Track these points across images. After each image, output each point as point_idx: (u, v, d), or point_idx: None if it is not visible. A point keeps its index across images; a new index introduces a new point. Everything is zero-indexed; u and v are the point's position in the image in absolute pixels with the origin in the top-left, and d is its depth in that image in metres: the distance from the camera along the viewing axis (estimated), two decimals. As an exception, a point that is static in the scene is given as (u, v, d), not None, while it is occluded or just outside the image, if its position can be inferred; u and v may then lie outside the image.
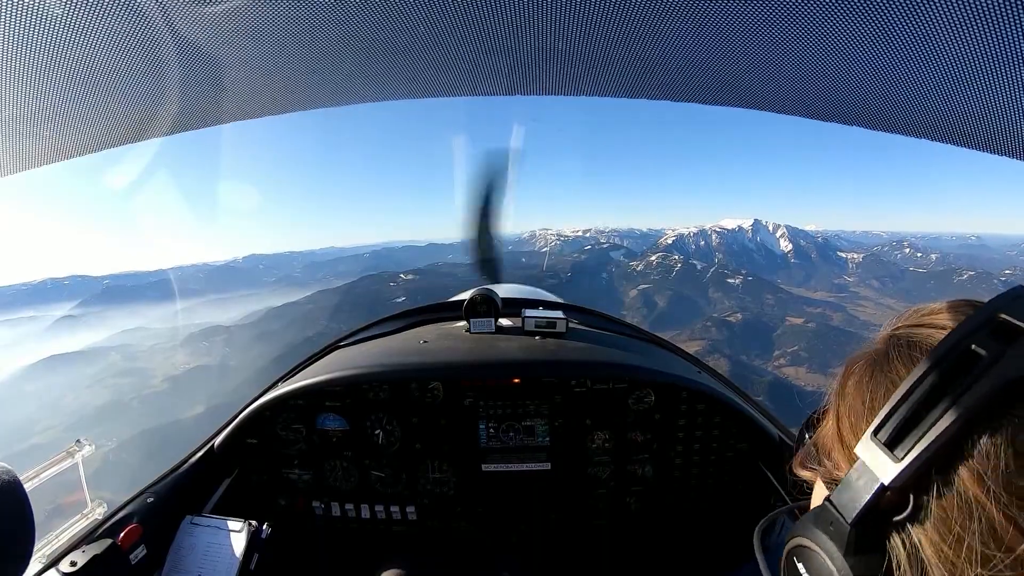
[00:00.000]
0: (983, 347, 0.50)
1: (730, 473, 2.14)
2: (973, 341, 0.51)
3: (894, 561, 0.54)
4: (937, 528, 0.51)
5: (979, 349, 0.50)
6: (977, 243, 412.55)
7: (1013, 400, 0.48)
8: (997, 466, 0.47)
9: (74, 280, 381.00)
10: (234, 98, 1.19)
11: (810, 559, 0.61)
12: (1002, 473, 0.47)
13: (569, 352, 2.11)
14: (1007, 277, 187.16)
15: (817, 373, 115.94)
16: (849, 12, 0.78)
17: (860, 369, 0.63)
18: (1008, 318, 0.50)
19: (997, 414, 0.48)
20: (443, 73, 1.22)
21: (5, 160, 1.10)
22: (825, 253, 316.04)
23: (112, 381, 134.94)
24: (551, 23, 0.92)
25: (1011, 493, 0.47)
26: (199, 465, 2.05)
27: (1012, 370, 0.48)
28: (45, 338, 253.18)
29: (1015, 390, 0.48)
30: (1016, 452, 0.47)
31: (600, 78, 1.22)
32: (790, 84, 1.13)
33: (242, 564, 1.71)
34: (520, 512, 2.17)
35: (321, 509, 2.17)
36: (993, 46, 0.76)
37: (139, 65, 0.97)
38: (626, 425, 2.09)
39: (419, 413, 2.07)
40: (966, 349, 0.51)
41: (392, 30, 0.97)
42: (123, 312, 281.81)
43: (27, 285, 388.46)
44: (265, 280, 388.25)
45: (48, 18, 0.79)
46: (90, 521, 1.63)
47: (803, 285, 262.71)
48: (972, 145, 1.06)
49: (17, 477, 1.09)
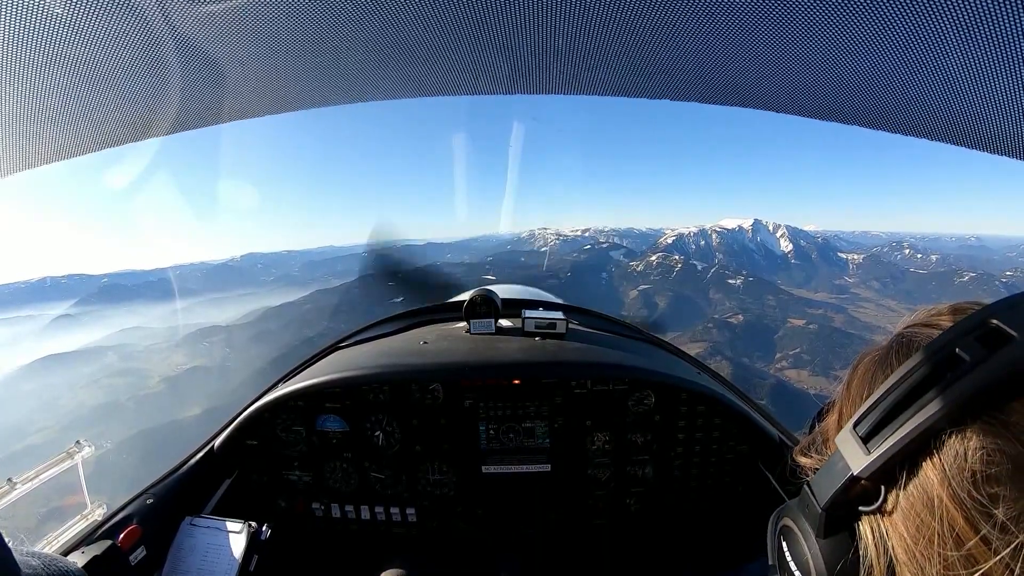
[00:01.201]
0: (967, 351, 0.50)
1: (730, 474, 2.14)
2: (959, 344, 0.51)
3: (862, 547, 0.56)
4: (904, 521, 0.52)
5: (963, 353, 0.50)
6: (977, 244, 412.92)
7: (987, 405, 0.48)
8: (963, 468, 0.48)
9: (72, 279, 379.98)
10: (234, 98, 1.19)
11: (792, 539, 0.65)
12: (967, 476, 0.47)
13: (569, 353, 2.11)
14: (1008, 279, 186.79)
15: (820, 376, 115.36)
16: (849, 12, 0.78)
17: (866, 364, 0.65)
18: (999, 324, 0.50)
19: (969, 418, 0.48)
20: (443, 72, 1.21)
21: (5, 160, 1.09)
22: (825, 254, 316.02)
23: (108, 381, 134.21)
24: (551, 22, 0.92)
25: (973, 498, 0.47)
26: (199, 466, 2.05)
27: (989, 376, 0.48)
28: (42, 337, 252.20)
29: (989, 396, 0.48)
30: (984, 459, 0.47)
31: (600, 77, 1.21)
32: (790, 84, 1.13)
33: (242, 565, 1.71)
34: (520, 513, 2.17)
35: (321, 510, 2.17)
36: (993, 46, 0.76)
37: (139, 65, 0.96)
38: (626, 426, 2.09)
39: (419, 414, 2.07)
40: (951, 352, 0.51)
41: (392, 29, 0.96)
42: (120, 311, 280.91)
43: (25, 283, 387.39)
44: (263, 279, 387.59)
45: (48, 18, 0.79)
46: (90, 522, 1.63)
47: (804, 286, 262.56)
48: (972, 145, 1.06)
49: None
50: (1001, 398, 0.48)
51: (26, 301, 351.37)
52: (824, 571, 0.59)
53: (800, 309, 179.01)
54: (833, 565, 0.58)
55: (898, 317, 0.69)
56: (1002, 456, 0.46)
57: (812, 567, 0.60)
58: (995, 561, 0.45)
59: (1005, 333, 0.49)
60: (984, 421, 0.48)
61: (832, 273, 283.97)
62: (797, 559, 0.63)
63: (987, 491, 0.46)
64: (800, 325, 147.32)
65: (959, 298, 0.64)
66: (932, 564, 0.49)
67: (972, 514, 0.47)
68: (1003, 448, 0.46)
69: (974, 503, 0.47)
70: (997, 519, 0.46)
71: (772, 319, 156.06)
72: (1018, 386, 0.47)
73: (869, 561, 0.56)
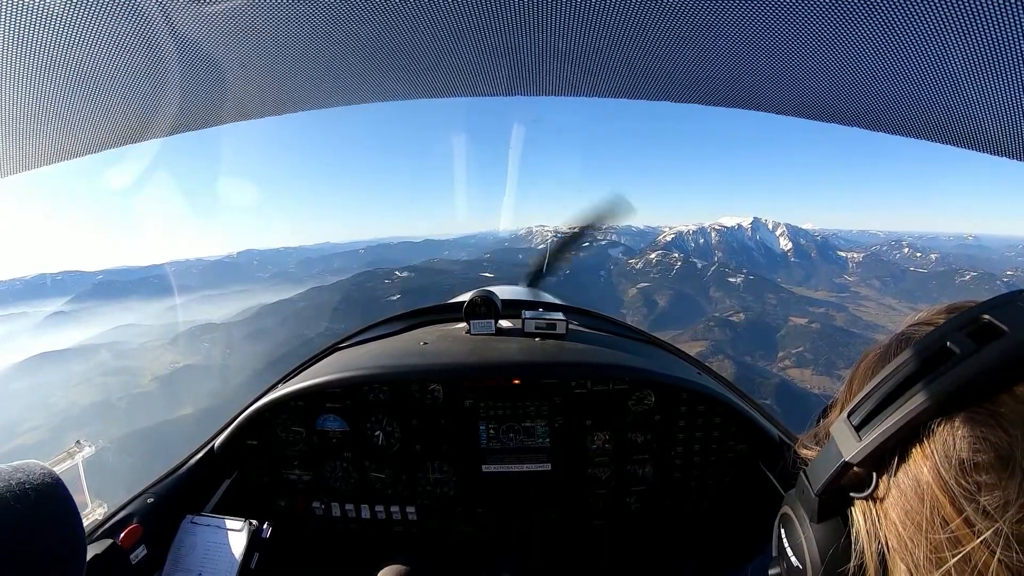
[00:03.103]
0: (958, 344, 0.51)
1: (730, 474, 2.16)
2: (951, 339, 0.52)
3: (855, 532, 0.59)
4: (894, 507, 0.54)
5: (954, 346, 0.52)
6: (975, 243, 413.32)
7: (975, 396, 0.49)
8: (951, 456, 0.49)
9: (66, 275, 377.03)
10: (234, 99, 1.19)
11: (789, 526, 0.68)
12: (955, 464, 0.49)
13: (569, 353, 2.13)
14: (1009, 278, 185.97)
15: (823, 376, 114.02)
16: (849, 13, 0.78)
17: (868, 360, 0.67)
18: (991, 320, 0.51)
19: (957, 408, 0.50)
20: (444, 75, 1.22)
21: (5, 160, 1.09)
22: (825, 252, 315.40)
23: (101, 380, 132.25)
24: (551, 24, 0.92)
25: (961, 486, 0.48)
26: (199, 466, 2.06)
27: (978, 368, 0.49)
28: (35, 335, 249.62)
29: (978, 387, 0.49)
30: (971, 447, 0.48)
31: (600, 79, 1.22)
32: (790, 85, 1.13)
33: (242, 563, 1.72)
34: (520, 513, 2.18)
35: (321, 509, 2.18)
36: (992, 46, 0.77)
37: (139, 65, 0.96)
38: (626, 426, 2.10)
39: (419, 414, 2.08)
40: (943, 345, 0.53)
41: (392, 31, 0.96)
42: (115, 308, 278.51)
43: (20, 281, 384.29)
44: (259, 276, 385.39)
45: (48, 18, 0.79)
46: (90, 521, 1.64)
47: (804, 284, 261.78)
48: (971, 146, 1.07)
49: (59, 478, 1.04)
50: (990, 389, 0.49)
51: (20, 298, 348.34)
52: (817, 556, 0.60)
53: (801, 307, 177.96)
54: (826, 550, 0.60)
55: (899, 316, 0.69)
56: (989, 446, 0.48)
57: (807, 552, 0.62)
58: (977, 543, 0.46)
59: (996, 328, 0.51)
60: (972, 411, 0.49)
61: (832, 271, 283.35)
62: (793, 544, 0.65)
63: (974, 479, 0.48)
64: (802, 324, 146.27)
65: (961, 297, 0.66)
66: (920, 548, 0.51)
67: (959, 501, 0.48)
68: (990, 438, 0.48)
69: (961, 490, 0.48)
70: (983, 506, 0.47)
71: (774, 317, 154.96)
72: (1007, 378, 0.49)
73: (861, 545, 0.57)
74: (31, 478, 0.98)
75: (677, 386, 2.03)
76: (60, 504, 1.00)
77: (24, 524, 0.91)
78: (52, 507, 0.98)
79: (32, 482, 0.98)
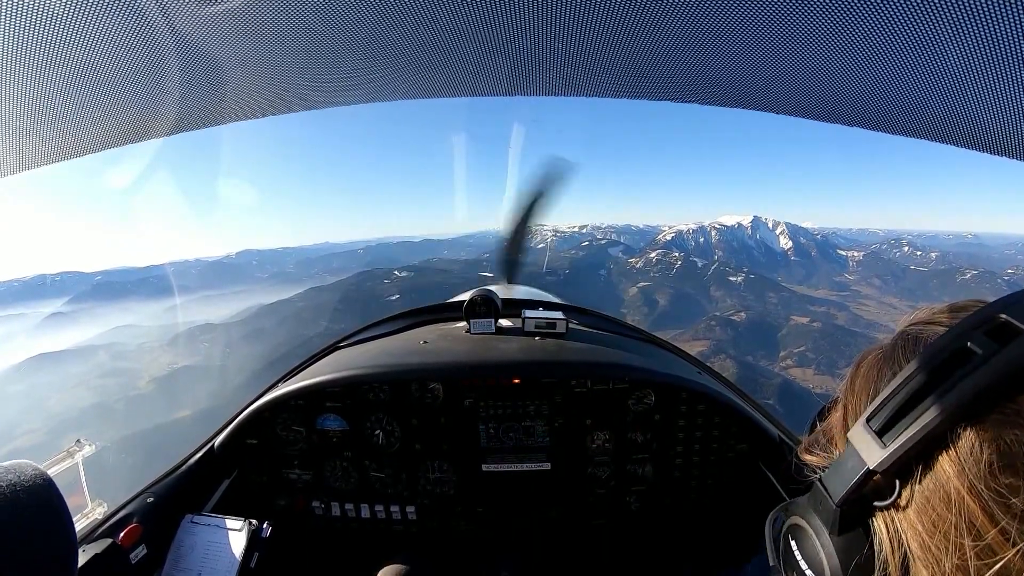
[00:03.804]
0: (979, 345, 0.51)
1: (730, 473, 2.16)
2: (970, 339, 0.52)
3: (877, 542, 0.56)
4: (919, 515, 0.52)
5: (975, 347, 0.51)
6: (975, 242, 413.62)
7: (1001, 397, 0.48)
8: (979, 460, 0.48)
9: (65, 276, 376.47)
10: (234, 99, 1.19)
11: (802, 537, 0.64)
12: (983, 468, 0.47)
13: (569, 353, 2.13)
14: (1010, 276, 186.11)
15: (825, 375, 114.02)
16: (849, 13, 0.78)
17: (870, 362, 0.65)
18: (1009, 319, 0.51)
19: (984, 410, 0.49)
20: (444, 75, 1.22)
21: (5, 160, 1.09)
22: (825, 251, 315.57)
23: (98, 382, 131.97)
24: (551, 24, 0.92)
25: (991, 489, 0.47)
26: (199, 465, 2.06)
27: (1003, 368, 0.48)
28: (33, 336, 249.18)
29: (1003, 388, 0.48)
30: (1000, 449, 0.47)
31: (600, 79, 1.22)
32: (790, 85, 1.13)
33: (242, 563, 1.72)
34: (520, 512, 2.18)
35: (321, 509, 2.18)
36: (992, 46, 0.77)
37: (139, 65, 0.96)
38: (626, 425, 2.10)
39: (419, 414, 2.08)
40: (963, 346, 0.52)
41: (392, 31, 0.96)
42: (114, 309, 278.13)
43: (19, 282, 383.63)
44: (258, 276, 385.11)
45: (48, 18, 0.79)
46: (90, 521, 1.64)
47: (804, 283, 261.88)
48: (971, 145, 1.07)
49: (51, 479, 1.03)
50: (1015, 390, 0.48)
51: (19, 299, 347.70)
52: (839, 569, 0.58)
53: (802, 306, 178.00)
54: (848, 562, 0.58)
55: (901, 315, 0.70)
56: (1019, 446, 0.47)
57: (826, 565, 0.59)
58: (1013, 552, 0.45)
59: (1015, 327, 0.50)
60: (999, 412, 0.48)
61: (832, 270, 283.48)
62: (809, 558, 0.62)
63: (1004, 481, 0.46)
64: (803, 323, 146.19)
65: (963, 296, 0.66)
66: (948, 557, 0.49)
67: (989, 505, 0.47)
68: (1020, 438, 0.47)
69: (991, 494, 0.47)
70: (1015, 509, 0.46)
71: (775, 317, 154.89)
72: None
73: (884, 557, 0.55)
74: (22, 479, 0.98)
75: (677, 385, 2.03)
76: (51, 506, 0.99)
77: (13, 525, 0.90)
78: (43, 509, 0.97)
79: (23, 483, 0.97)
